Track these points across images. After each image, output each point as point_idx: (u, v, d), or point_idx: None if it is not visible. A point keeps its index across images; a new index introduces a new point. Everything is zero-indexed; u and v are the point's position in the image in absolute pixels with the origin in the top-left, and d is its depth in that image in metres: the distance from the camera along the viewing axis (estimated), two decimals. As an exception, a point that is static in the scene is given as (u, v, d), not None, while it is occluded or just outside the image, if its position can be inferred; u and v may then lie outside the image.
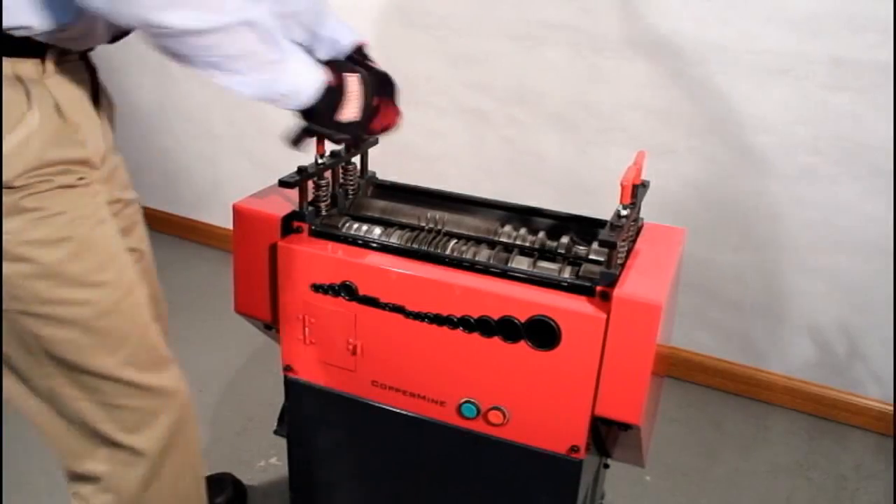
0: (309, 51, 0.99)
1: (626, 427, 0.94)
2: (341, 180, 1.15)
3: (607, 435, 1.02)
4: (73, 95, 0.92)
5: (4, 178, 0.85)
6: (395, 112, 1.08)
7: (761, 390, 1.96)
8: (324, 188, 1.08)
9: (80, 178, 0.92)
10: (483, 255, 1.02)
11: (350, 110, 0.95)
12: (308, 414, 1.14)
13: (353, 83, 0.95)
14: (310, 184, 1.06)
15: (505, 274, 0.96)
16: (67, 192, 0.91)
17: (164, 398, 1.01)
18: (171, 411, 1.02)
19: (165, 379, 1.01)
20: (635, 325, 0.87)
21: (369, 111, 0.99)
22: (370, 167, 1.21)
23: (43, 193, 0.88)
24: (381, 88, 1.03)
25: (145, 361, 0.98)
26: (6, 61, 0.83)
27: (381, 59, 1.13)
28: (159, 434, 1.01)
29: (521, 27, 1.88)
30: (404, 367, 1.01)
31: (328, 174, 1.12)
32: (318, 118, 0.93)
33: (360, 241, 1.03)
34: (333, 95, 0.92)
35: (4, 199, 0.85)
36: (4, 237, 0.86)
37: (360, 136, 1.01)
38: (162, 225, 2.70)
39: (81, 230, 0.92)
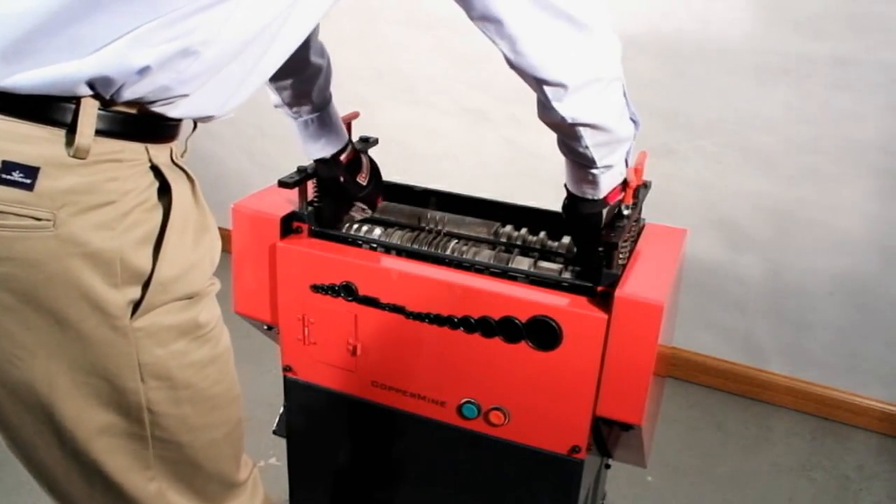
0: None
1: (627, 427, 0.93)
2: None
3: (608, 435, 1.01)
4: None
5: (198, 286, 0.78)
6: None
7: (763, 391, 1.95)
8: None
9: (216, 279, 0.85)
10: (484, 255, 1.02)
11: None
12: (308, 414, 1.14)
13: None
14: (310, 184, 1.05)
15: (505, 274, 0.96)
16: (214, 298, 0.84)
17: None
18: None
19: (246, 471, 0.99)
20: (637, 326, 0.86)
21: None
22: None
23: (209, 303, 0.81)
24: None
25: (241, 460, 0.96)
26: (166, 146, 0.76)
27: (382, 60, 1.12)
28: None
29: (521, 27, 1.87)
30: (405, 367, 1.01)
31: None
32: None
33: (360, 242, 1.02)
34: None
35: (186, 313, 0.77)
36: (170, 361, 0.77)
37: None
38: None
39: (223, 344, 0.85)
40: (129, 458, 0.81)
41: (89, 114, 0.66)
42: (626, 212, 0.94)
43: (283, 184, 1.02)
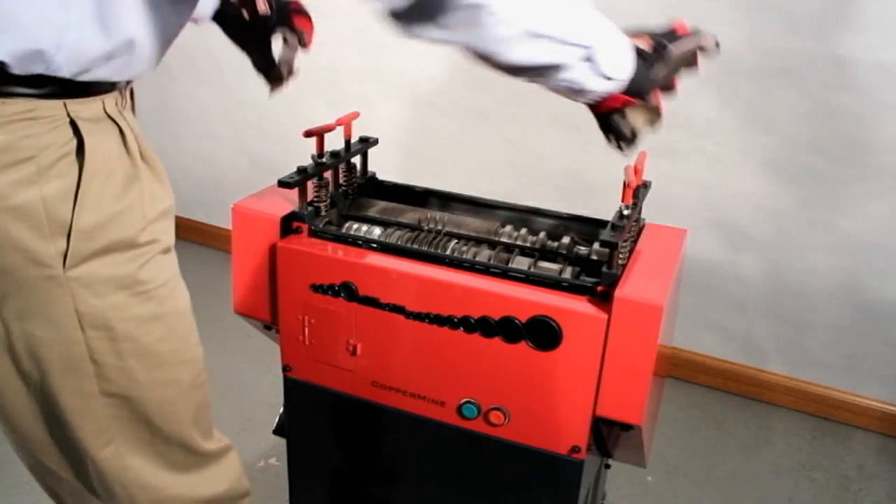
0: None
1: (627, 427, 0.93)
2: (341, 180, 1.15)
3: (608, 435, 1.01)
4: (138, 127, 0.86)
5: (128, 233, 0.80)
6: None
7: (763, 391, 1.95)
8: (323, 188, 1.08)
9: (169, 237, 0.87)
10: (483, 255, 1.02)
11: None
12: (307, 414, 1.14)
13: None
14: (309, 184, 1.05)
15: (505, 274, 0.96)
16: (165, 260, 0.87)
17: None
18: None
19: (215, 443, 1.01)
20: (637, 326, 0.87)
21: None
22: (370, 167, 1.21)
23: (153, 261, 0.84)
24: None
25: (205, 430, 0.98)
26: (97, 100, 0.78)
27: (382, 60, 1.12)
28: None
29: (521, 27, 1.87)
30: (404, 367, 1.01)
31: (328, 174, 1.12)
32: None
33: (360, 242, 1.02)
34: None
35: (124, 267, 0.80)
36: (108, 313, 0.80)
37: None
38: (162, 225, 2.70)
39: (172, 304, 0.88)
40: (85, 421, 0.85)
41: None
42: (626, 212, 0.94)
43: (282, 184, 1.02)
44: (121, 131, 0.81)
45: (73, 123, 0.76)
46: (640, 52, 0.86)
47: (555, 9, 0.76)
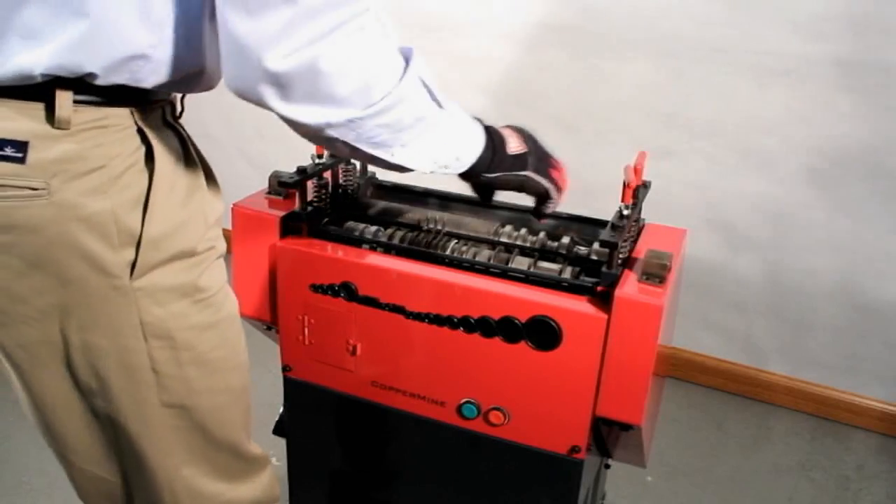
0: None
1: (627, 427, 0.93)
2: (341, 181, 1.15)
3: (608, 435, 1.02)
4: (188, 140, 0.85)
5: (191, 241, 0.80)
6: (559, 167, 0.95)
7: (763, 391, 1.95)
8: (323, 189, 1.08)
9: (221, 243, 0.87)
10: (483, 255, 1.02)
11: (512, 143, 0.88)
12: (307, 414, 1.14)
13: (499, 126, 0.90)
14: (309, 184, 1.05)
15: (505, 274, 0.96)
16: (219, 265, 0.86)
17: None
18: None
19: (257, 447, 1.01)
20: (636, 326, 0.87)
21: (538, 149, 0.91)
22: (370, 167, 1.21)
23: (211, 268, 0.83)
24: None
25: (250, 433, 0.98)
26: (157, 108, 0.78)
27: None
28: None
29: (520, 28, 1.87)
30: (404, 367, 1.01)
31: (327, 174, 1.12)
32: (492, 162, 0.86)
33: (360, 242, 1.02)
34: (491, 134, 0.87)
35: (185, 275, 0.80)
36: (170, 322, 0.80)
37: (541, 170, 0.91)
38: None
39: (226, 310, 0.87)
40: (145, 430, 0.84)
41: (67, 88, 0.69)
42: (625, 212, 0.94)
43: (282, 184, 1.02)
44: (181, 139, 0.81)
45: (140, 132, 0.75)
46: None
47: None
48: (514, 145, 0.89)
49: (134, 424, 0.83)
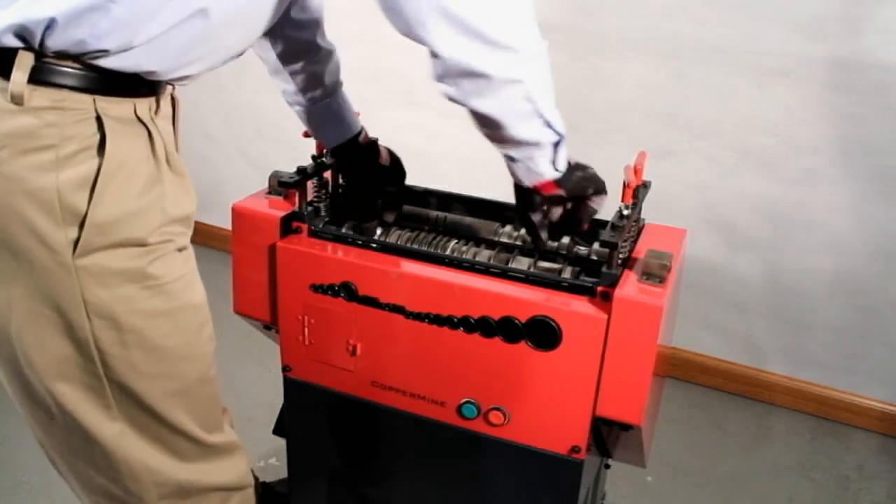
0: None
1: (627, 427, 0.93)
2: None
3: (608, 435, 1.01)
4: (170, 135, 0.88)
5: (142, 232, 0.81)
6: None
7: (763, 391, 1.95)
8: (323, 189, 1.08)
9: (184, 238, 0.89)
10: (483, 255, 1.02)
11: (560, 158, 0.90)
12: (307, 414, 1.14)
13: None
14: (309, 184, 1.05)
15: (505, 274, 0.96)
16: (179, 257, 0.88)
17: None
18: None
19: (222, 437, 1.02)
20: (636, 326, 0.87)
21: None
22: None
23: (165, 257, 0.85)
24: None
25: (211, 424, 0.99)
26: (128, 101, 0.80)
27: (381, 60, 1.12)
28: None
29: (521, 27, 1.87)
30: (404, 367, 1.01)
31: (327, 174, 1.12)
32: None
33: (359, 242, 1.02)
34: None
35: (133, 262, 0.82)
36: (115, 305, 0.82)
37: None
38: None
39: (184, 301, 0.89)
40: (89, 394, 0.86)
41: (24, 64, 0.72)
42: (625, 212, 0.94)
43: (282, 184, 1.02)
44: (150, 135, 0.82)
45: (98, 120, 0.77)
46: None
47: (550, 93, 0.84)
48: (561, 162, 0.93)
49: (79, 390, 0.86)
